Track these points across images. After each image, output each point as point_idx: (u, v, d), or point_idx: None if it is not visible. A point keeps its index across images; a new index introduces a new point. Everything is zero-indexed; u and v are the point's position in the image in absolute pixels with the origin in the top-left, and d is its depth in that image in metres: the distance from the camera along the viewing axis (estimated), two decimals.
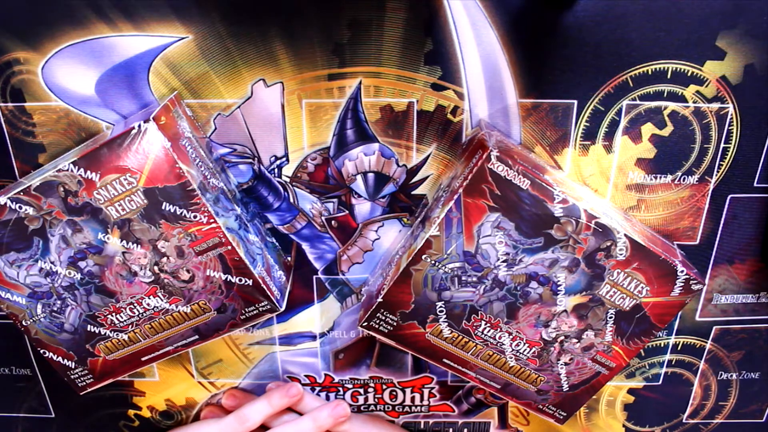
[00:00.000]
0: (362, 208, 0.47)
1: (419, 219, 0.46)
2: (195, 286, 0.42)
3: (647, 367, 0.52)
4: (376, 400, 0.54)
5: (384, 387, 0.54)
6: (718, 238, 0.47)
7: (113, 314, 0.42)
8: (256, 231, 0.45)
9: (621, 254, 0.40)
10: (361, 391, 0.54)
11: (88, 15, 0.40)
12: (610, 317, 0.43)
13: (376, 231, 0.47)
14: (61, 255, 0.40)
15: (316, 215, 0.47)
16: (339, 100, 0.43)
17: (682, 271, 0.41)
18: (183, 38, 0.41)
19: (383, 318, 0.43)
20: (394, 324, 0.44)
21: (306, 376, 0.53)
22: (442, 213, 0.40)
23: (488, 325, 0.43)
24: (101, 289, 0.42)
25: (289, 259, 0.49)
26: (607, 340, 0.44)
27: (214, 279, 0.41)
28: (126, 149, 0.38)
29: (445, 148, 0.44)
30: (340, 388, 0.54)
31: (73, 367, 0.45)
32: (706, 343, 0.51)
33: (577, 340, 0.44)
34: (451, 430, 0.56)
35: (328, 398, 0.54)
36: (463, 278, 0.41)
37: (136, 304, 0.42)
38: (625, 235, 0.40)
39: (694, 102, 0.42)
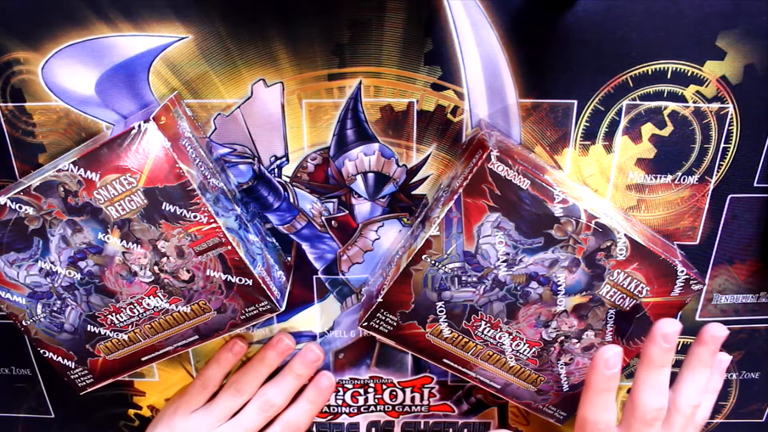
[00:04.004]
0: (362, 208, 0.47)
1: (419, 219, 0.46)
2: (195, 286, 0.42)
3: None
4: (376, 400, 0.54)
5: (384, 387, 0.54)
6: (718, 238, 0.47)
7: (113, 314, 0.42)
8: (256, 231, 0.45)
9: (621, 254, 0.40)
10: (361, 391, 0.54)
11: (88, 15, 0.40)
12: (610, 317, 0.43)
13: (376, 231, 0.47)
14: (61, 255, 0.40)
15: (316, 215, 0.47)
16: (339, 100, 0.43)
17: (682, 271, 0.41)
18: (183, 38, 0.41)
19: (383, 318, 0.43)
20: (394, 324, 0.44)
21: None
22: (442, 213, 0.40)
23: (488, 325, 0.43)
24: (101, 289, 0.41)
25: (289, 259, 0.49)
26: (607, 340, 0.44)
27: (214, 279, 0.41)
28: (126, 149, 0.38)
29: (445, 148, 0.44)
30: (340, 389, 0.54)
31: (73, 367, 0.45)
32: None
33: (577, 340, 0.44)
34: (451, 430, 0.56)
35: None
36: (463, 278, 0.41)
37: (136, 304, 0.42)
38: (625, 235, 0.40)
39: (694, 102, 0.42)
